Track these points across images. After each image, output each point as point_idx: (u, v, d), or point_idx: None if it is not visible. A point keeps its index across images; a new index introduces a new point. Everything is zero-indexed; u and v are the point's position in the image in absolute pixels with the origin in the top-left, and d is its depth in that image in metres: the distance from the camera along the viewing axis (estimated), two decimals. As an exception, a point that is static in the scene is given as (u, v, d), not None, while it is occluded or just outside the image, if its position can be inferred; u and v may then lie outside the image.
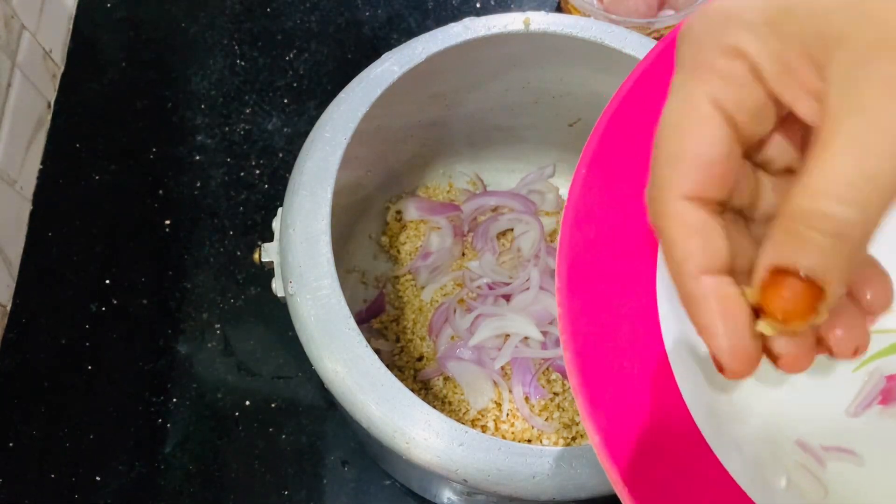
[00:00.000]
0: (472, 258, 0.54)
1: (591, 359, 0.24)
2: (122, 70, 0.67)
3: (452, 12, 0.70)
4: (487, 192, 0.57)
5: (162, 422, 0.54)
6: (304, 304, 0.37)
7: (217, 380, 0.55)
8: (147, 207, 0.61)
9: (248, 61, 0.67)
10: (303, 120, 0.64)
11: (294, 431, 0.54)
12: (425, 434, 0.35)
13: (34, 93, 0.62)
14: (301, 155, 0.42)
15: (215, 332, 0.57)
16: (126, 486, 0.52)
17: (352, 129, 0.41)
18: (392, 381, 0.36)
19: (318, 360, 0.37)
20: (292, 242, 0.39)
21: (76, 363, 0.55)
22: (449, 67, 0.45)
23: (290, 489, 0.52)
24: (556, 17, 0.45)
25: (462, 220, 0.55)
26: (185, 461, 0.53)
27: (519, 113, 0.53)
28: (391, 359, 0.51)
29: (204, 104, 0.65)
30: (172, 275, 0.59)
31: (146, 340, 0.56)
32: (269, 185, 0.62)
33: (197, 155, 0.63)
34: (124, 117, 0.65)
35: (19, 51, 0.59)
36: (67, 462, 0.53)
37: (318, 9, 0.70)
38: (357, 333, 0.36)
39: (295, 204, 0.40)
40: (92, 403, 0.54)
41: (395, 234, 0.55)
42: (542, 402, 0.49)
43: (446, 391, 0.50)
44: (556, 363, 0.50)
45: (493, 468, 0.34)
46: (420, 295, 0.53)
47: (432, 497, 0.50)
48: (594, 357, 0.24)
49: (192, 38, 0.68)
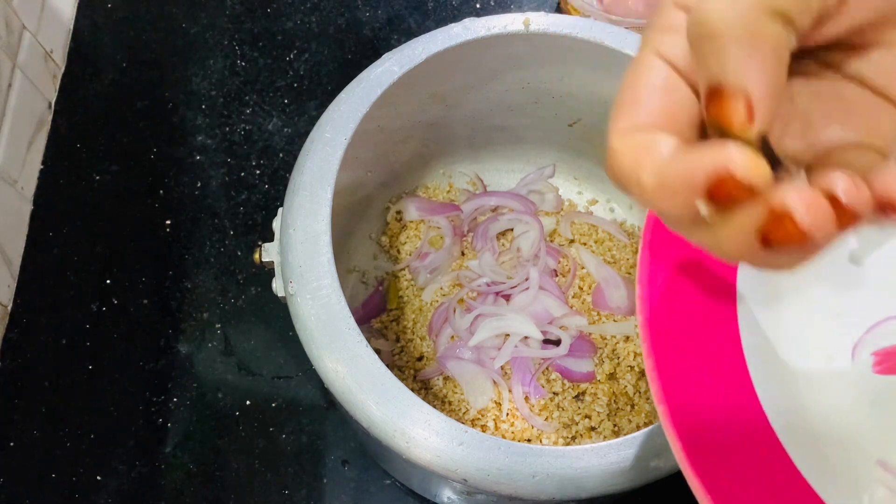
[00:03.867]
0: (472, 258, 0.54)
1: (672, 373, 0.24)
2: (123, 70, 0.67)
3: (452, 13, 0.70)
4: (487, 192, 0.57)
5: (162, 421, 0.54)
6: (304, 304, 0.37)
7: (217, 379, 0.55)
8: (147, 207, 0.61)
9: (248, 61, 0.67)
10: (303, 120, 0.65)
11: (294, 431, 0.54)
12: (425, 434, 0.35)
13: (35, 93, 0.62)
14: (301, 155, 0.42)
15: (216, 332, 0.57)
16: (126, 486, 0.52)
17: (352, 129, 0.41)
18: (392, 381, 0.36)
19: (318, 360, 0.37)
20: (292, 242, 0.39)
21: (76, 363, 0.55)
22: (449, 67, 0.46)
23: (290, 489, 0.52)
24: (555, 17, 0.45)
25: (462, 220, 0.55)
26: (186, 461, 0.53)
27: (519, 113, 0.53)
28: (391, 359, 0.51)
29: (204, 104, 0.65)
30: (173, 275, 0.59)
31: (147, 340, 0.57)
32: (270, 185, 0.62)
33: (197, 155, 0.63)
34: (125, 117, 0.65)
35: (20, 51, 0.59)
36: (67, 462, 0.53)
37: (318, 9, 0.70)
38: (357, 333, 0.37)
39: (295, 204, 0.40)
40: (92, 403, 0.54)
41: (395, 234, 0.55)
42: (541, 402, 0.49)
43: (446, 391, 0.50)
44: (555, 363, 0.50)
45: (492, 468, 0.34)
46: (420, 295, 0.53)
47: (432, 497, 0.50)
48: (675, 371, 0.24)
49: (192, 38, 0.68)
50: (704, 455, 0.23)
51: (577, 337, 0.51)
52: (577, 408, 0.50)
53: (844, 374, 0.27)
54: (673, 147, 0.19)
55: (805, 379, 0.27)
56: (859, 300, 0.28)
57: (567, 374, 0.50)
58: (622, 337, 0.51)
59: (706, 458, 0.23)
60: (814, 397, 0.26)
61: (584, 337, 0.51)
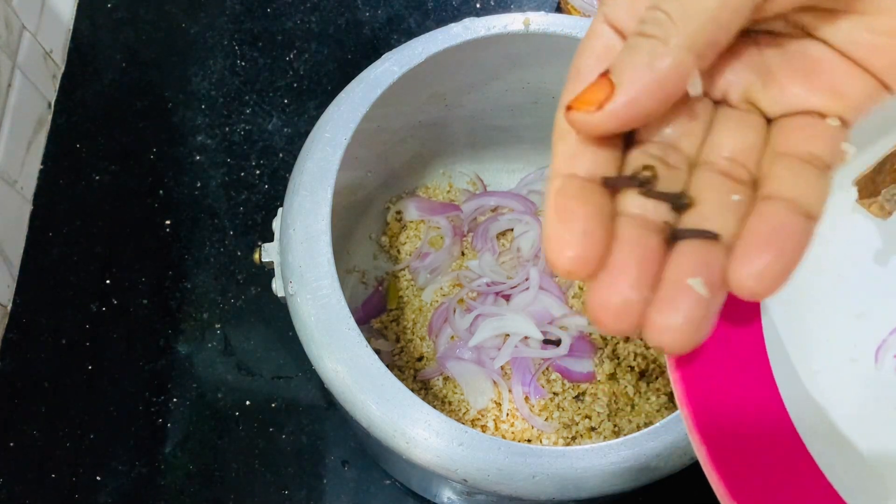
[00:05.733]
0: (472, 258, 0.54)
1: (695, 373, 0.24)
2: (122, 70, 0.67)
3: (452, 13, 0.70)
4: (487, 192, 0.57)
5: (162, 422, 0.54)
6: (304, 304, 0.37)
7: (217, 380, 0.55)
8: (147, 207, 0.61)
9: (248, 61, 0.67)
10: (303, 120, 0.65)
11: (294, 431, 0.54)
12: (425, 434, 0.35)
13: (35, 93, 0.62)
14: (301, 155, 0.42)
15: (215, 332, 0.57)
16: (126, 486, 0.52)
17: (352, 129, 0.41)
18: (392, 381, 0.36)
19: (318, 360, 0.37)
20: (292, 242, 0.39)
21: (76, 363, 0.55)
22: (449, 67, 0.45)
23: (290, 489, 0.52)
24: (555, 17, 0.45)
25: (462, 220, 0.55)
26: (186, 461, 0.53)
27: (519, 113, 0.53)
28: (391, 359, 0.51)
29: (204, 104, 0.65)
30: (173, 275, 0.59)
31: (146, 340, 0.56)
32: (270, 185, 0.62)
33: (197, 155, 0.63)
34: (124, 117, 0.65)
35: (20, 51, 0.59)
36: (67, 462, 0.53)
37: (318, 9, 0.70)
38: (357, 333, 0.37)
39: (295, 204, 0.40)
40: (92, 403, 0.54)
41: (395, 234, 0.55)
42: (541, 402, 0.49)
43: (446, 391, 0.50)
44: (555, 363, 0.50)
45: (492, 468, 0.34)
46: (420, 295, 0.53)
47: (432, 497, 0.50)
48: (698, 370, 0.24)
49: (192, 38, 0.68)
50: (728, 457, 0.23)
51: (577, 337, 0.51)
52: (577, 408, 0.50)
53: (867, 376, 0.27)
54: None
55: (828, 381, 0.26)
56: (883, 302, 0.28)
57: (567, 375, 0.50)
58: (622, 337, 0.51)
59: (730, 459, 0.23)
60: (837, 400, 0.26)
61: (584, 337, 0.51)
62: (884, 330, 0.27)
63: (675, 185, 0.20)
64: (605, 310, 0.18)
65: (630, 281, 0.18)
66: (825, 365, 0.27)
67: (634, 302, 0.18)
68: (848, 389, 0.26)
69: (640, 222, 0.19)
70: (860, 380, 0.27)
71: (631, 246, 0.19)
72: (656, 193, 0.20)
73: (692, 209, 0.20)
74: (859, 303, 0.28)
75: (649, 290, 0.19)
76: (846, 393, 0.26)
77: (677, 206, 0.20)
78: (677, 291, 0.18)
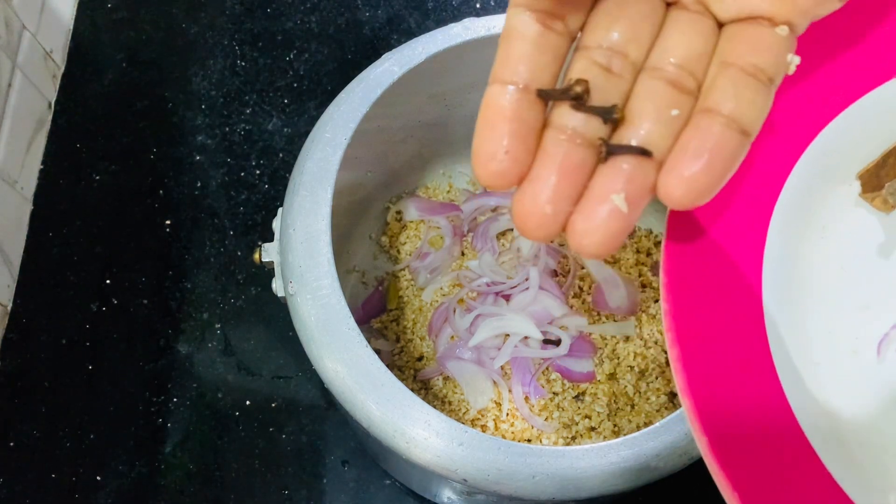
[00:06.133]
0: (472, 258, 0.54)
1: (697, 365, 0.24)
2: (122, 70, 0.67)
3: (452, 13, 0.70)
4: (487, 192, 0.57)
5: (162, 422, 0.54)
6: (304, 304, 0.37)
7: (217, 380, 0.55)
8: (147, 207, 0.61)
9: (248, 61, 0.67)
10: (303, 120, 0.65)
11: (294, 431, 0.54)
12: (425, 434, 0.35)
13: (35, 93, 0.62)
14: (301, 155, 0.42)
15: (215, 332, 0.57)
16: (126, 486, 0.52)
17: (352, 129, 0.41)
18: (392, 381, 0.36)
19: (318, 360, 0.37)
20: (292, 242, 0.39)
21: (76, 363, 0.55)
22: (449, 67, 0.45)
23: (290, 489, 0.52)
24: (555, 17, 0.45)
25: (462, 220, 0.55)
26: (186, 461, 0.53)
27: (519, 113, 0.53)
28: (391, 359, 0.51)
29: (204, 104, 0.65)
30: (173, 275, 0.59)
31: (146, 340, 0.56)
32: (270, 185, 0.62)
33: (197, 155, 0.63)
34: (124, 117, 0.65)
35: (20, 51, 0.59)
36: (67, 462, 0.53)
37: (318, 9, 0.70)
38: (357, 333, 0.37)
39: (295, 204, 0.40)
40: (92, 403, 0.54)
41: (395, 234, 0.55)
42: (541, 402, 0.49)
43: (446, 391, 0.50)
44: (555, 363, 0.50)
45: (492, 468, 0.34)
46: (420, 295, 0.53)
47: (432, 497, 0.50)
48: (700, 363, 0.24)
49: (192, 38, 0.68)
50: (731, 451, 0.22)
51: (577, 337, 0.51)
52: (577, 408, 0.50)
53: (870, 369, 0.27)
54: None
55: (830, 374, 0.26)
56: (886, 295, 0.28)
57: (567, 375, 0.50)
58: (622, 337, 0.51)
59: (733, 453, 0.22)
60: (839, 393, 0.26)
61: (584, 337, 0.51)
62: (886, 323, 0.27)
63: (615, 94, 0.21)
64: (524, 219, 0.20)
65: (547, 193, 0.20)
66: (827, 357, 0.27)
67: (550, 214, 0.20)
68: (849, 382, 0.26)
69: (570, 135, 0.20)
70: (862, 372, 0.27)
71: (554, 159, 0.20)
72: (587, 108, 0.20)
73: (629, 123, 0.20)
74: (862, 296, 0.28)
75: (570, 203, 0.20)
76: (848, 385, 0.26)
77: (608, 121, 0.20)
78: (597, 203, 0.20)
